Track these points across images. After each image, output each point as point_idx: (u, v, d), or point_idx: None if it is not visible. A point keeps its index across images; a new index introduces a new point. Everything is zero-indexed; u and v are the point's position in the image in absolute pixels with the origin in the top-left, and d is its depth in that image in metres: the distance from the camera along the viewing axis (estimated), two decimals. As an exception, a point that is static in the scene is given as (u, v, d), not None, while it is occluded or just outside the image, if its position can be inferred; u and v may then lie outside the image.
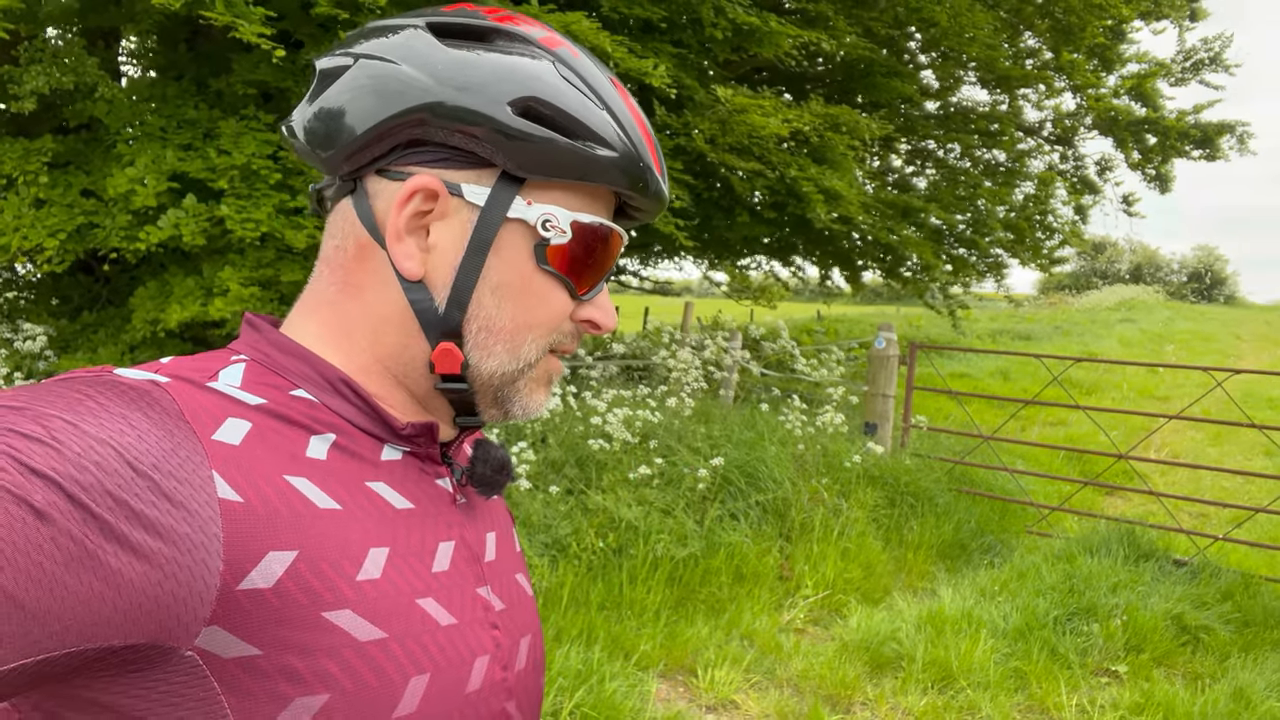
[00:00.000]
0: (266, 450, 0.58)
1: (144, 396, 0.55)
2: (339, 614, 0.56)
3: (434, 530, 0.67)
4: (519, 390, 0.70)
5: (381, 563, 0.61)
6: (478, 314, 0.67)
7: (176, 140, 4.85)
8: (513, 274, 0.67)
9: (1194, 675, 3.94)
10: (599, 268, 0.71)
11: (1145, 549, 5.12)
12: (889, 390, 6.00)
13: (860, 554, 4.87)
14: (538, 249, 0.67)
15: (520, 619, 0.74)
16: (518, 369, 0.69)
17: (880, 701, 3.63)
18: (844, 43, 7.56)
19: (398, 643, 0.59)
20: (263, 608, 0.53)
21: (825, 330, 15.73)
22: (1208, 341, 20.48)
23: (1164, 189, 11.70)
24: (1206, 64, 10.83)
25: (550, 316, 0.69)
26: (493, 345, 0.68)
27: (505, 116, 0.64)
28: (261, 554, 0.54)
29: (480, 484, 0.72)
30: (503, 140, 0.64)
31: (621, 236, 0.73)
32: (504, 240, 0.66)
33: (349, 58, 0.67)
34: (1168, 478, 7.61)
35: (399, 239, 0.66)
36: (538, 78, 0.66)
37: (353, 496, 0.62)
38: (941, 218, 9.56)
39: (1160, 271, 43.73)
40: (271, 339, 0.67)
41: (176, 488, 0.51)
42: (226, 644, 0.52)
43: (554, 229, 0.67)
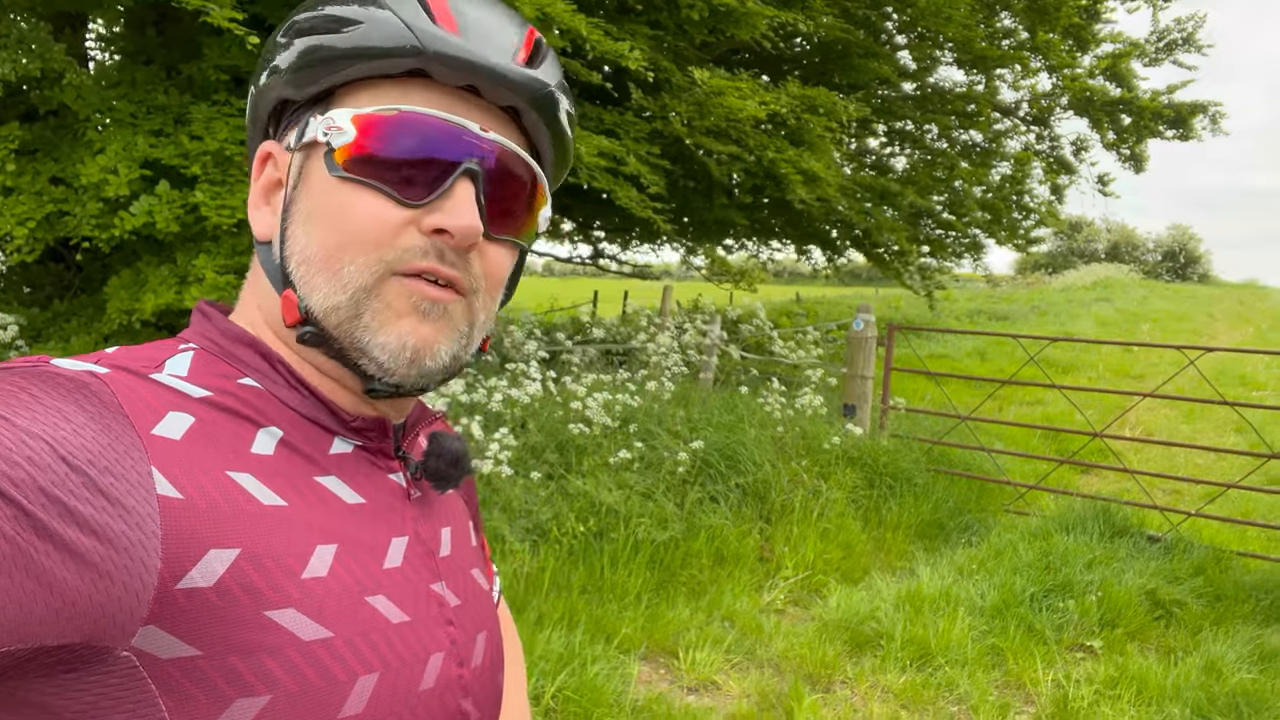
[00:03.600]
0: (209, 445, 0.57)
1: (81, 389, 0.53)
2: (282, 613, 0.55)
3: (386, 525, 0.65)
4: (366, 326, 0.62)
5: (329, 560, 0.59)
6: (293, 249, 0.64)
7: (147, 126, 4.79)
8: (316, 195, 0.63)
9: (1167, 649, 4.01)
10: (425, 164, 0.62)
11: (1120, 526, 5.19)
12: (867, 372, 6.04)
13: (839, 535, 4.91)
14: (327, 158, 0.62)
15: (476, 615, 0.72)
16: (349, 298, 0.62)
17: (860, 680, 3.67)
18: (821, 23, 7.55)
19: (344, 642, 0.58)
20: (203, 607, 0.52)
21: (805, 312, 15.77)
22: (1182, 320, 20.71)
23: (1139, 169, 11.80)
24: (1180, 44, 10.91)
25: (362, 228, 0.61)
26: (312, 277, 0.63)
27: (279, 46, 0.65)
28: (202, 552, 0.52)
29: (434, 478, 0.71)
30: (288, 69, 0.64)
31: (456, 125, 0.63)
32: (310, 166, 0.64)
33: None
34: (1142, 455, 7.71)
35: (255, 207, 0.67)
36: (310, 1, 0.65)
37: (299, 492, 0.60)
38: (919, 199, 9.60)
39: (1136, 251, 44.13)
40: (221, 326, 0.66)
41: (113, 484, 0.49)
42: (164, 644, 0.51)
43: (333, 129, 0.62)
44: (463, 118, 0.63)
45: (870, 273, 12.71)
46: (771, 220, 9.48)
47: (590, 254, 13.13)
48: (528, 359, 5.68)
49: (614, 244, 12.78)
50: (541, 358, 6.07)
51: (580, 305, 12.06)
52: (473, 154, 0.63)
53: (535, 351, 6.03)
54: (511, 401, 4.95)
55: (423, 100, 0.63)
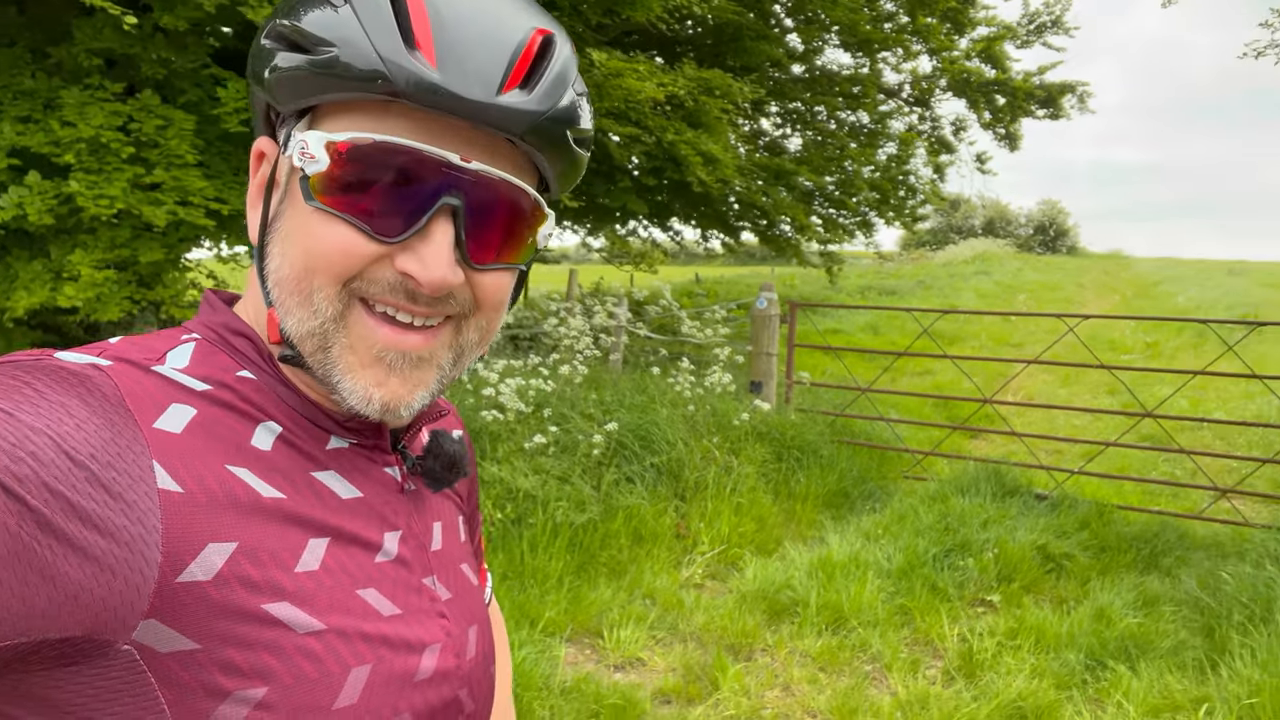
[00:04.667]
0: (209, 439, 0.57)
1: (84, 382, 0.53)
2: (277, 606, 0.56)
3: (380, 520, 0.66)
4: (335, 363, 0.61)
5: (321, 554, 0.60)
6: (271, 269, 0.62)
7: (13, 112, 4.48)
8: (293, 218, 0.61)
9: (1060, 599, 4.27)
10: (397, 200, 0.58)
11: (1010, 486, 5.49)
12: (772, 349, 6.18)
13: (752, 508, 5.03)
14: (302, 183, 0.60)
15: (466, 608, 0.73)
16: (318, 325, 0.60)
17: (779, 647, 3.79)
18: (713, 6, 7.63)
19: (337, 634, 0.58)
20: (201, 601, 0.52)
21: (705, 292, 16.00)
22: (1054, 290, 21.91)
23: (1013, 147, 12.38)
24: (1048, 27, 11.48)
25: (331, 260, 0.59)
26: (285, 299, 0.61)
27: (263, 53, 0.61)
28: (201, 546, 0.53)
29: (429, 478, 0.71)
30: (270, 82, 0.61)
31: (437, 159, 0.58)
32: (293, 184, 0.61)
33: None
34: (1024, 418, 8.15)
35: (252, 207, 0.65)
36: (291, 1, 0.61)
37: (296, 487, 0.60)
38: (812, 179, 9.84)
39: (1010, 225, 46.32)
40: (223, 318, 0.66)
41: (115, 478, 0.50)
42: (164, 637, 0.51)
43: (306, 155, 0.59)
44: (445, 145, 0.59)
45: (764, 252, 12.98)
46: (672, 202, 9.56)
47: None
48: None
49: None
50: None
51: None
52: (453, 186, 0.59)
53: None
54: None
55: (403, 127, 0.58)
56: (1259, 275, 26.43)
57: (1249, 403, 8.66)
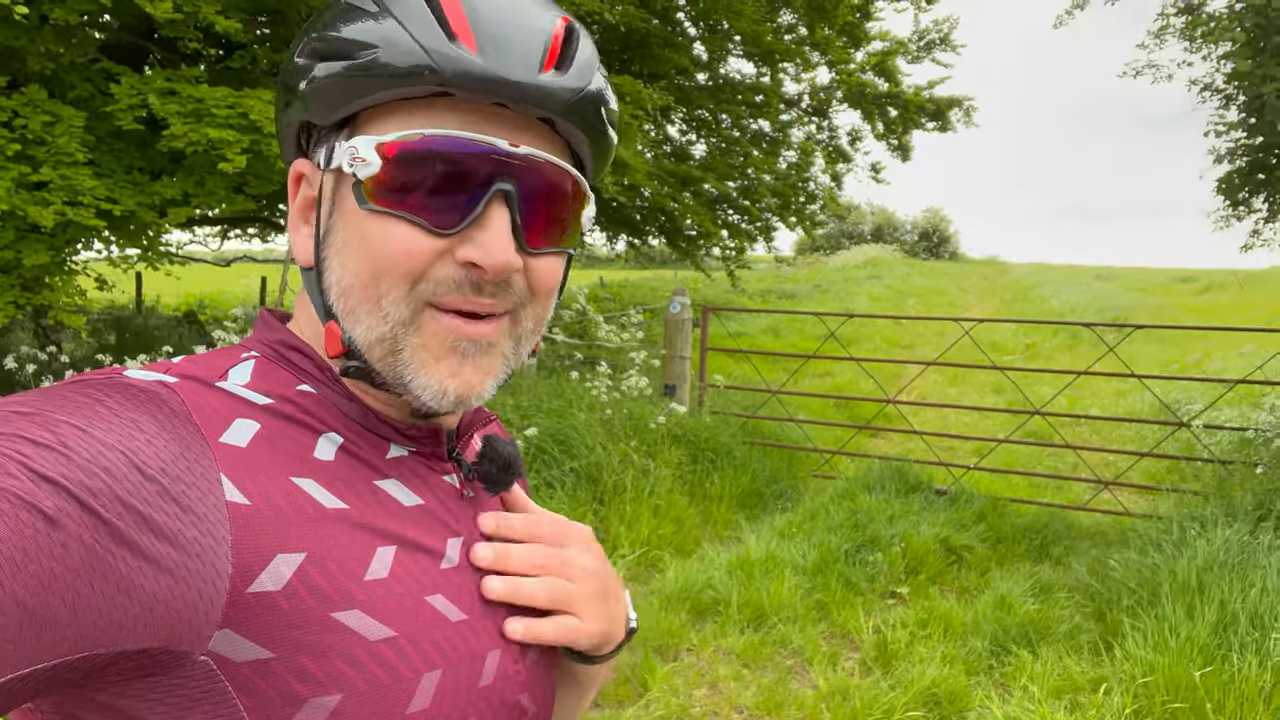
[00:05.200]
0: (274, 452, 0.58)
1: (153, 399, 0.54)
2: (348, 614, 0.57)
3: (442, 526, 0.68)
4: (407, 364, 0.62)
5: (389, 562, 0.61)
6: (332, 281, 0.63)
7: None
8: (349, 226, 0.62)
9: (963, 589, 4.50)
10: (453, 192, 0.60)
11: (912, 482, 5.73)
12: (685, 352, 6.28)
13: (670, 510, 5.11)
14: (355, 189, 0.61)
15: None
16: (388, 330, 0.61)
17: (704, 645, 3.86)
18: (622, 12, 7.70)
19: (408, 640, 0.60)
20: (273, 610, 0.54)
21: (612, 296, 16.06)
22: (941, 295, 22.90)
23: (905, 158, 12.89)
24: (938, 44, 12.02)
25: (397, 263, 0.60)
26: (353, 308, 0.62)
27: (297, 69, 0.62)
28: (270, 556, 0.54)
29: (487, 481, 0.73)
30: (306, 94, 0.62)
31: (489, 147, 0.60)
32: (342, 194, 0.63)
33: None
34: (919, 417, 8.52)
35: (295, 229, 0.66)
36: (324, 16, 0.62)
37: (360, 496, 0.62)
38: (717, 186, 10.02)
39: (897, 232, 48.09)
40: (280, 335, 0.67)
41: (185, 492, 0.51)
42: (239, 647, 0.53)
43: (357, 160, 0.60)
44: (491, 134, 0.61)
45: (665, 255, 13.13)
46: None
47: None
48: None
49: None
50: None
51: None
52: (504, 173, 0.61)
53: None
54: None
55: (449, 120, 0.60)
56: (1125, 280, 28.31)
57: (1121, 400, 9.29)
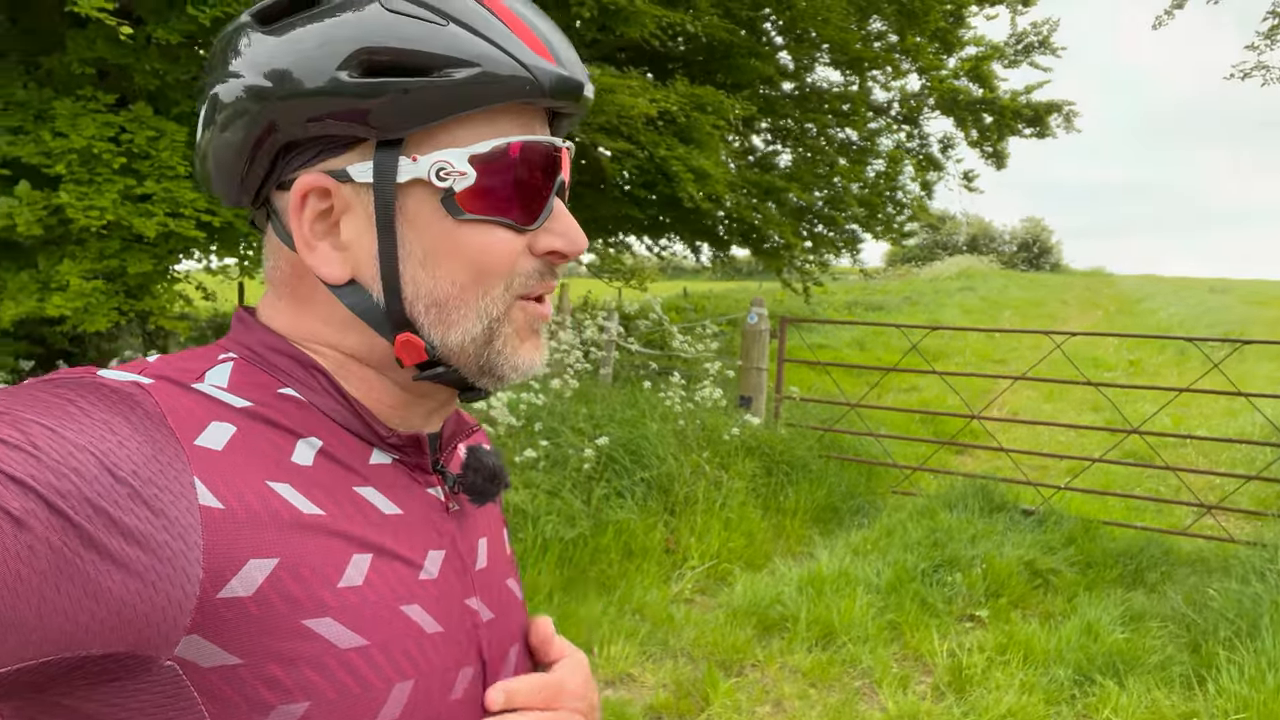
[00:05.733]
0: (250, 455, 0.57)
1: (127, 400, 0.54)
2: (320, 621, 0.56)
3: (423, 538, 0.66)
4: (500, 351, 0.65)
5: (365, 569, 0.60)
6: (418, 293, 0.63)
7: (5, 123, 4.47)
8: (434, 237, 0.62)
9: (1047, 614, 4.30)
10: (536, 190, 0.64)
11: (997, 501, 5.52)
12: (762, 364, 6.21)
13: (742, 523, 5.04)
14: (447, 202, 0.62)
15: (509, 628, 0.73)
16: (485, 329, 0.64)
17: (770, 662, 3.79)
18: (706, 23, 7.69)
19: (380, 649, 0.59)
20: (243, 616, 0.53)
21: (693, 307, 16.03)
22: (1039, 307, 22.09)
23: (1000, 165, 12.51)
24: (1036, 47, 11.63)
25: (498, 264, 0.63)
26: (447, 317, 0.63)
27: (341, 83, 0.59)
28: (242, 562, 0.53)
29: (472, 493, 0.71)
30: (355, 109, 0.59)
31: (551, 145, 0.65)
32: (410, 207, 0.62)
33: (204, 90, 0.65)
34: (1010, 434, 8.20)
35: (310, 248, 0.63)
36: (363, 25, 0.59)
37: (338, 503, 0.61)
38: (801, 196, 9.91)
39: (994, 242, 46.69)
40: (261, 336, 0.66)
41: (157, 495, 0.50)
42: (206, 653, 0.52)
43: (451, 174, 0.61)
44: (542, 133, 0.65)
45: (751, 267, 13.04)
46: (662, 216, 9.61)
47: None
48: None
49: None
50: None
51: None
52: (560, 168, 0.66)
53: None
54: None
55: (515, 124, 0.63)
56: (1241, 293, 26.73)
57: (1232, 420, 8.75)
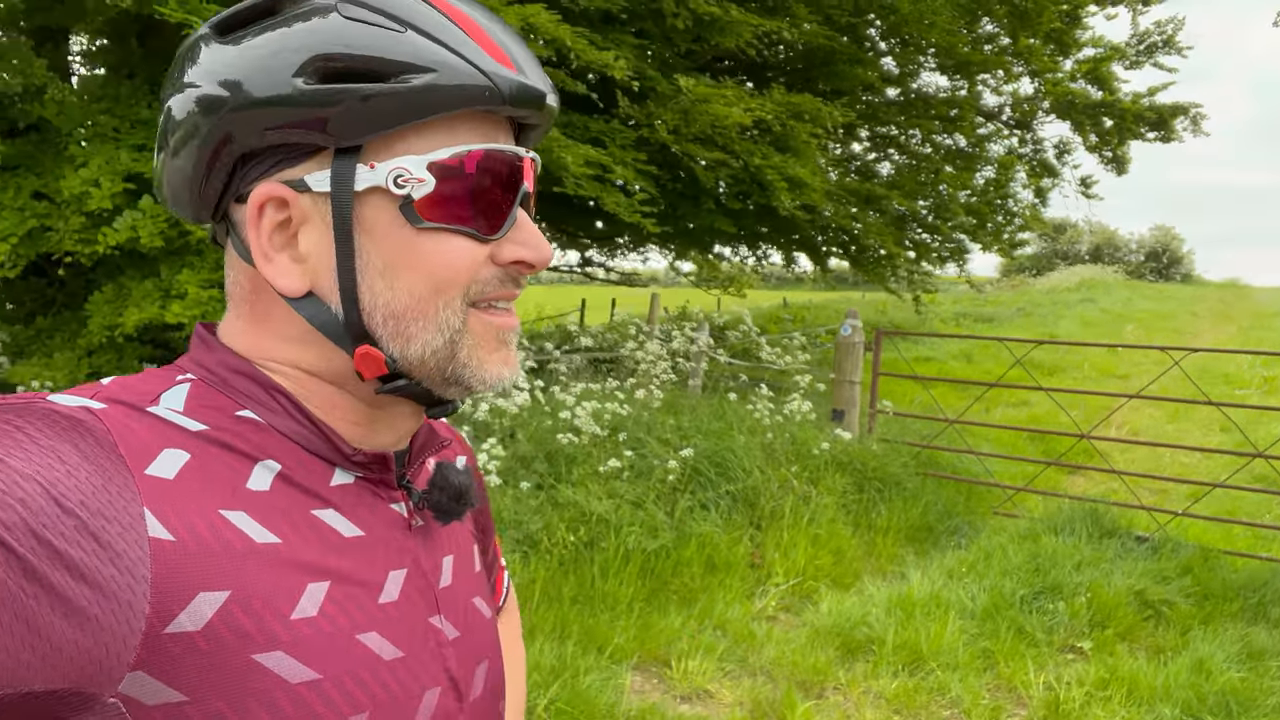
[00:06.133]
0: (203, 483, 0.56)
1: (77, 426, 0.52)
2: (269, 656, 0.55)
3: (384, 558, 0.65)
4: (465, 364, 0.64)
5: (320, 599, 0.58)
6: (375, 303, 0.61)
7: (130, 141, 4.76)
8: (393, 248, 0.61)
9: (1156, 649, 4.03)
10: (498, 200, 0.63)
11: (1108, 526, 5.22)
12: (855, 377, 6.06)
13: (830, 540, 4.92)
14: (405, 209, 0.60)
15: (476, 645, 0.72)
16: (446, 341, 0.63)
17: (852, 686, 3.67)
18: (804, 30, 7.59)
19: (332, 683, 0.57)
20: (190, 652, 0.52)
21: (792, 317, 15.82)
22: (1166, 320, 20.87)
23: (1120, 171, 11.89)
24: (1160, 47, 11.01)
25: (456, 273, 0.62)
26: (406, 329, 0.62)
27: (298, 91, 0.58)
28: (191, 595, 0.52)
29: (437, 510, 0.70)
30: (310, 116, 0.58)
31: (514, 155, 0.64)
32: (367, 216, 0.60)
33: (163, 102, 0.63)
34: (1128, 455, 7.76)
35: (268, 259, 0.62)
36: (319, 32, 0.58)
37: (295, 528, 0.59)
38: (904, 204, 9.65)
39: (1119, 252, 44.42)
40: (219, 356, 0.65)
41: (104, 526, 0.49)
42: (151, 690, 0.50)
43: (409, 181, 0.60)
44: (505, 141, 0.64)
45: (856, 277, 12.76)
46: (758, 226, 9.51)
47: (578, 261, 13.13)
48: (516, 368, 5.66)
49: (601, 251, 12.80)
50: (530, 367, 6.06)
51: (567, 314, 12.05)
52: (523, 177, 0.65)
53: (523, 361, 6.02)
54: (499, 411, 4.94)
55: (476, 133, 0.62)
56: (1397, 307, 24.59)
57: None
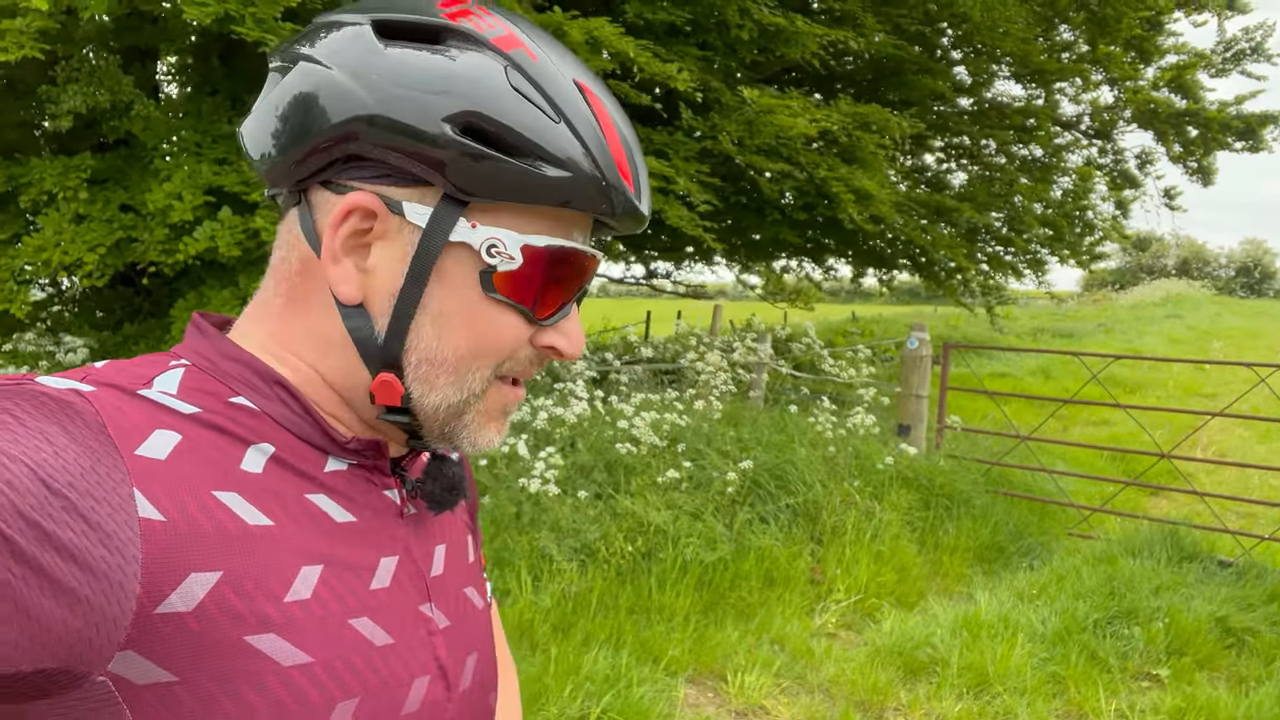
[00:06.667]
0: (195, 464, 0.56)
1: (65, 408, 0.52)
2: (262, 638, 0.54)
3: (376, 545, 0.64)
4: (466, 425, 0.66)
5: (313, 582, 0.58)
6: (418, 345, 0.63)
7: (211, 155, 4.95)
8: (457, 302, 0.62)
9: (1239, 678, 3.83)
10: (561, 291, 0.65)
11: (1189, 550, 5.00)
12: (922, 391, 5.93)
13: (894, 557, 4.81)
14: (484, 276, 0.62)
15: (467, 636, 0.71)
16: (462, 400, 0.65)
17: (914, 707, 3.58)
18: (872, 41, 7.50)
19: (324, 666, 0.57)
20: (181, 632, 0.51)
21: (861, 331, 15.59)
22: (1256, 337, 19.96)
23: (1206, 182, 11.44)
24: (1248, 54, 10.57)
25: (500, 346, 0.64)
26: (434, 378, 0.63)
27: (443, 134, 0.58)
28: (182, 576, 0.52)
29: (429, 500, 0.70)
30: (441, 160, 0.59)
31: (590, 256, 0.66)
32: (447, 265, 0.62)
33: (291, 59, 0.63)
34: (1214, 477, 7.42)
35: (335, 260, 0.62)
36: (482, 88, 0.59)
37: (287, 512, 0.59)
38: (976, 216, 9.43)
39: (1208, 266, 42.77)
40: (215, 343, 0.64)
41: (94, 507, 0.49)
42: (141, 670, 0.50)
43: (500, 255, 0.61)
44: (587, 238, 0.67)
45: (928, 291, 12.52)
46: (824, 238, 9.40)
47: (644, 274, 13.17)
48: (576, 378, 5.70)
49: (667, 264, 12.81)
50: (590, 377, 6.09)
51: (630, 325, 12.09)
52: (589, 274, 0.68)
53: (584, 371, 6.05)
54: (559, 420, 4.97)
55: (570, 226, 0.65)
56: None
57: None
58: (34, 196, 4.75)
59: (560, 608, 3.82)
